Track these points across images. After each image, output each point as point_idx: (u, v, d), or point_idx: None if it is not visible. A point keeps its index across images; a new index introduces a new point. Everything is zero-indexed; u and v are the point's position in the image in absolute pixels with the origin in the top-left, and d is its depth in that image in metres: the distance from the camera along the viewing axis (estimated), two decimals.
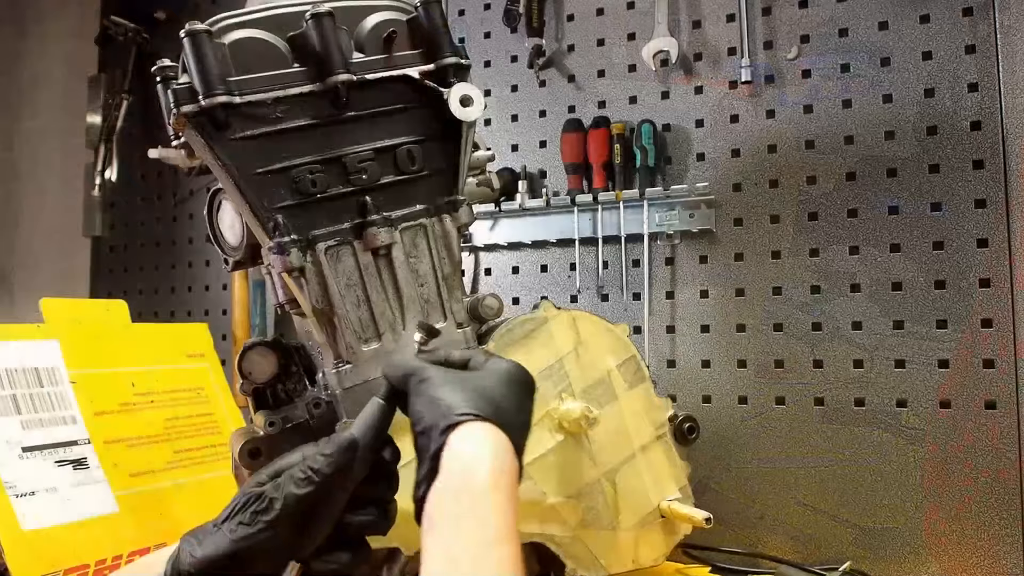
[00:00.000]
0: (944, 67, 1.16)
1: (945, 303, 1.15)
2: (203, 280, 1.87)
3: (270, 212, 0.84)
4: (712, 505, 0.98)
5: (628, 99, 1.38)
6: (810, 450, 1.22)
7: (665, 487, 0.99)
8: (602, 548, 0.95)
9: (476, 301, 0.95)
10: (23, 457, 1.01)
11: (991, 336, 1.12)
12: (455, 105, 0.88)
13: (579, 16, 1.43)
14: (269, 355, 0.94)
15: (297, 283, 0.86)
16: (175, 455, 1.17)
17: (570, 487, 0.93)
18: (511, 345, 0.93)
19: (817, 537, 1.22)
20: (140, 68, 1.91)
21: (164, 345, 1.25)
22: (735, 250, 1.29)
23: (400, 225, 0.89)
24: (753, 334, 1.27)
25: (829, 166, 1.23)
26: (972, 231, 1.14)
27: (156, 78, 0.89)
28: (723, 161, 1.30)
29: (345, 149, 0.87)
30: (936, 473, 1.15)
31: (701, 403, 1.30)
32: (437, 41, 0.90)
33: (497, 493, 0.59)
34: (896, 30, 1.19)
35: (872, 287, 1.19)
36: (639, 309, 1.34)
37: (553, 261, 1.43)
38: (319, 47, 0.85)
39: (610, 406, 0.97)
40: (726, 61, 1.31)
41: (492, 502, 0.58)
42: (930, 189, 1.16)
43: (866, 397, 1.19)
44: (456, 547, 0.57)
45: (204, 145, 0.82)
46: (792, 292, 1.25)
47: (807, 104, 1.24)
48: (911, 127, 1.18)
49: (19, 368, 1.06)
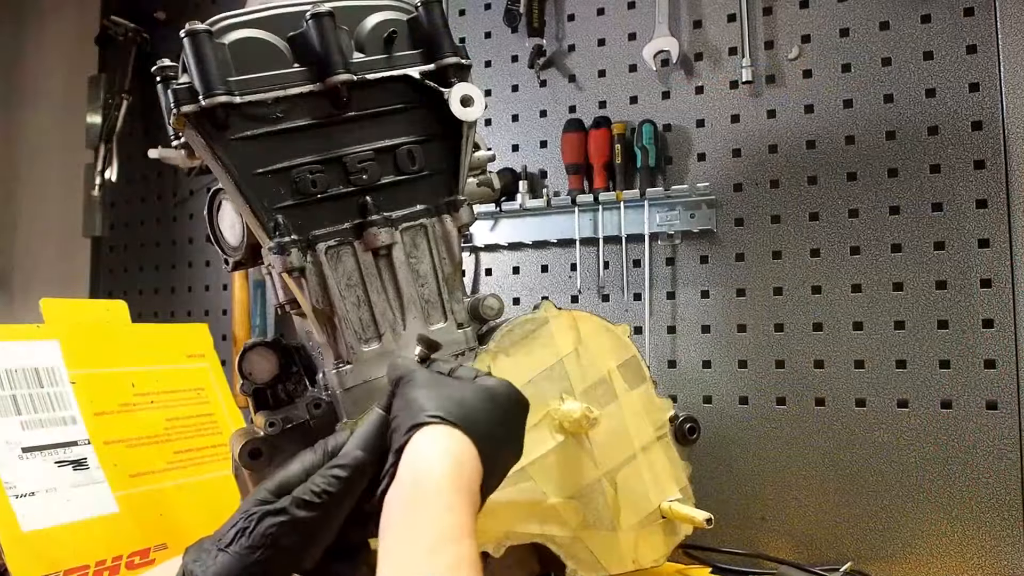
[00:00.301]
0: (945, 67, 1.16)
1: (946, 304, 1.15)
2: (203, 280, 1.86)
3: (270, 212, 0.84)
4: (713, 506, 0.98)
5: (629, 99, 1.38)
6: (811, 451, 1.22)
7: (666, 487, 0.99)
8: (602, 549, 0.95)
9: (477, 301, 0.95)
10: (23, 457, 1.00)
11: (992, 337, 1.12)
12: (456, 105, 0.88)
13: (580, 16, 1.43)
14: (269, 355, 0.94)
15: (297, 283, 0.86)
16: (175, 456, 1.16)
17: (571, 487, 0.93)
18: (512, 345, 0.92)
19: (818, 538, 1.21)
20: (140, 68, 1.91)
21: (164, 345, 1.24)
22: (736, 250, 1.29)
23: (401, 225, 0.89)
24: (754, 334, 1.27)
25: (830, 166, 1.22)
26: (973, 231, 1.13)
27: (156, 78, 0.89)
28: (724, 161, 1.30)
29: (345, 149, 0.87)
30: (937, 474, 1.14)
31: (702, 403, 1.30)
32: (438, 41, 0.90)
33: (453, 494, 0.58)
34: (897, 30, 1.19)
35: (873, 287, 1.19)
36: (640, 309, 1.34)
37: (554, 261, 1.43)
38: (319, 47, 0.84)
39: (611, 406, 0.97)
40: (727, 61, 1.30)
41: (446, 502, 0.58)
42: (931, 189, 1.16)
43: (867, 398, 1.19)
44: (409, 546, 0.56)
45: (204, 145, 0.82)
46: (793, 292, 1.24)
47: (808, 104, 1.24)
48: (912, 127, 1.17)
49: (19, 368, 1.06)
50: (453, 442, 0.62)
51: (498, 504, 0.87)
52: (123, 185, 1.96)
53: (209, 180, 0.92)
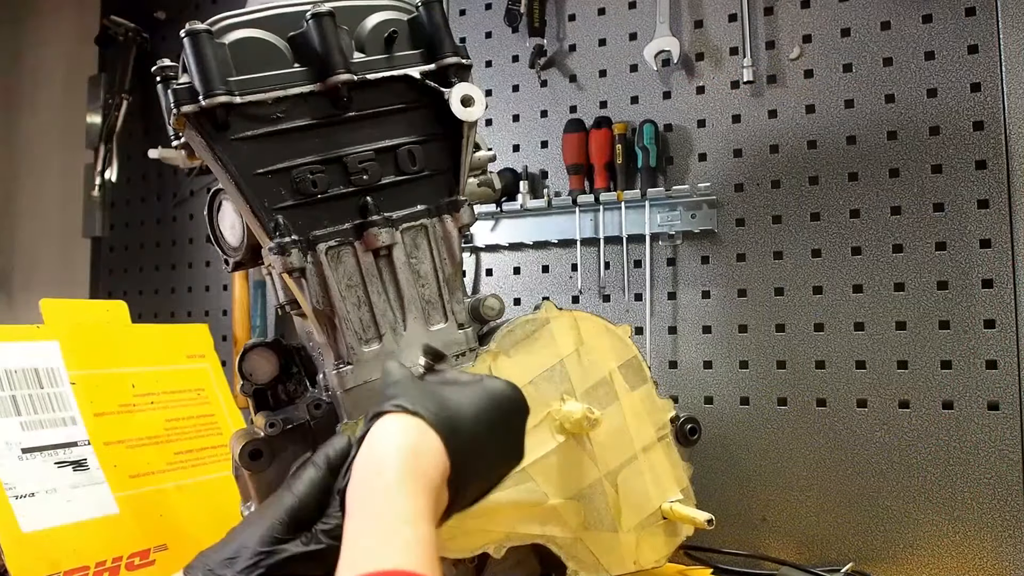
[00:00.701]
0: (946, 67, 1.16)
1: (948, 304, 1.14)
2: (203, 281, 1.86)
3: (270, 212, 0.84)
4: (714, 506, 0.98)
5: (630, 99, 1.38)
6: (812, 451, 1.22)
7: (667, 488, 0.98)
8: (604, 550, 0.95)
9: (477, 302, 0.95)
10: (23, 458, 1.00)
11: (994, 337, 1.11)
12: (456, 105, 0.88)
13: (580, 16, 1.43)
14: (270, 356, 0.94)
15: (298, 284, 0.85)
16: (175, 456, 1.16)
17: (571, 488, 0.93)
18: (513, 346, 0.92)
19: (819, 539, 1.21)
20: (140, 68, 1.90)
21: (164, 346, 1.24)
22: (737, 250, 1.28)
23: (401, 226, 0.89)
24: (755, 335, 1.27)
25: (831, 166, 1.22)
26: (975, 232, 1.13)
27: (156, 78, 0.89)
28: (725, 161, 1.30)
29: (346, 149, 0.87)
30: (939, 475, 1.14)
31: (703, 404, 1.30)
32: (438, 41, 0.90)
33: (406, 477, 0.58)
34: (898, 30, 1.19)
35: (874, 288, 1.19)
36: (641, 310, 1.34)
37: (554, 262, 1.43)
38: (320, 47, 0.84)
39: (612, 407, 0.96)
40: (728, 61, 1.30)
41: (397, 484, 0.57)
42: (933, 190, 1.16)
43: (868, 398, 1.19)
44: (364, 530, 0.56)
45: (204, 145, 0.82)
46: (794, 293, 1.24)
47: (809, 104, 1.24)
48: (913, 127, 1.17)
49: (19, 369, 1.05)
50: (410, 429, 0.61)
51: (498, 505, 0.87)
52: (123, 185, 1.96)
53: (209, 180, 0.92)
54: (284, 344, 0.96)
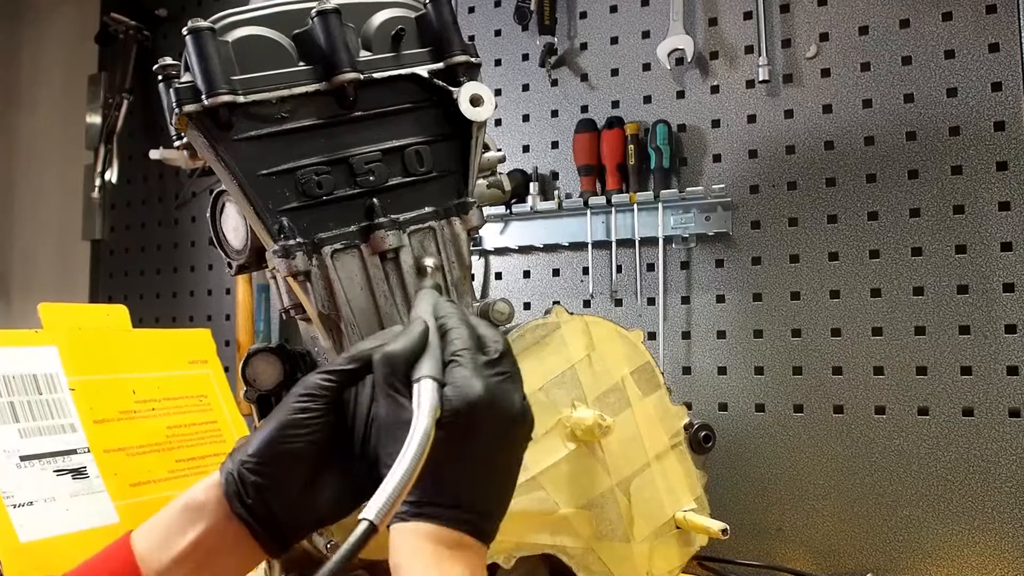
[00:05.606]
0: (967, 66, 1.15)
1: (968, 308, 1.13)
2: (205, 284, 1.86)
3: (275, 214, 0.82)
4: (729, 516, 0.97)
5: (642, 99, 1.37)
6: (829, 459, 1.21)
7: (680, 497, 0.98)
8: (616, 560, 0.94)
9: (486, 306, 0.93)
10: (21, 466, 0.99)
11: (1015, 342, 1.10)
12: (465, 105, 0.87)
13: (592, 13, 1.42)
14: (274, 361, 0.93)
15: (302, 287, 0.84)
16: (177, 464, 1.15)
17: (583, 497, 0.92)
18: (523, 351, 0.92)
19: (837, 549, 1.20)
20: (141, 67, 1.90)
21: (166, 351, 1.23)
22: (752, 254, 1.28)
23: (408, 228, 0.87)
24: (771, 340, 1.26)
25: (849, 167, 1.21)
26: (995, 234, 1.12)
27: (158, 77, 0.88)
28: (740, 162, 1.29)
29: (352, 150, 0.85)
30: (959, 483, 1.13)
31: (717, 411, 1.29)
32: (447, 39, 0.88)
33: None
34: (917, 28, 1.18)
35: (893, 292, 1.18)
36: (654, 314, 1.33)
37: (565, 265, 1.42)
38: (325, 45, 0.83)
39: (624, 414, 0.95)
40: (743, 60, 1.30)
41: None
42: (952, 191, 1.15)
43: (887, 405, 1.18)
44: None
45: (207, 146, 0.81)
46: (811, 297, 1.23)
47: (826, 104, 1.23)
48: (933, 127, 1.16)
49: (17, 375, 1.04)
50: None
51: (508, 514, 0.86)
52: (123, 187, 1.96)
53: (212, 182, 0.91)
54: (288, 349, 0.95)
